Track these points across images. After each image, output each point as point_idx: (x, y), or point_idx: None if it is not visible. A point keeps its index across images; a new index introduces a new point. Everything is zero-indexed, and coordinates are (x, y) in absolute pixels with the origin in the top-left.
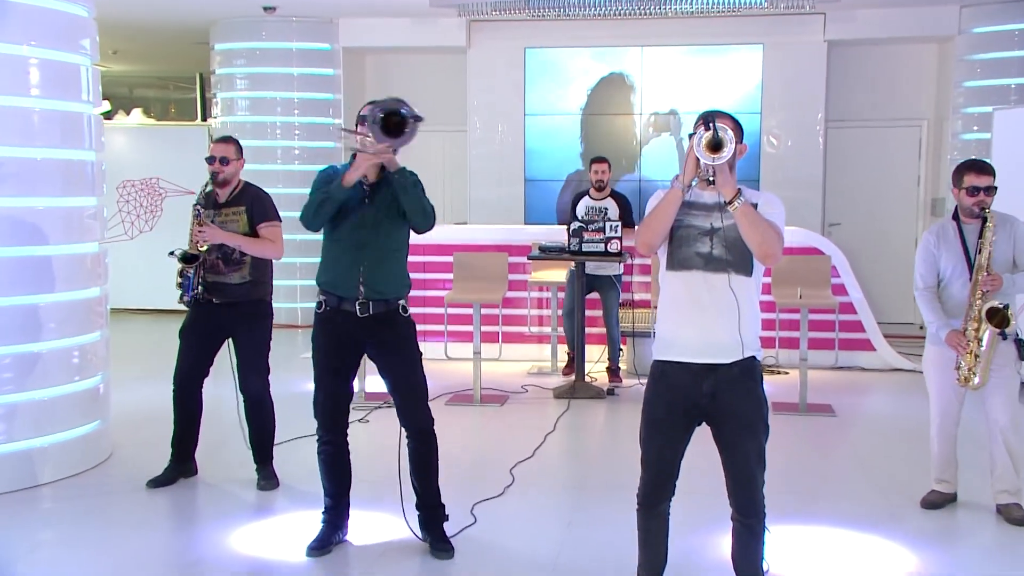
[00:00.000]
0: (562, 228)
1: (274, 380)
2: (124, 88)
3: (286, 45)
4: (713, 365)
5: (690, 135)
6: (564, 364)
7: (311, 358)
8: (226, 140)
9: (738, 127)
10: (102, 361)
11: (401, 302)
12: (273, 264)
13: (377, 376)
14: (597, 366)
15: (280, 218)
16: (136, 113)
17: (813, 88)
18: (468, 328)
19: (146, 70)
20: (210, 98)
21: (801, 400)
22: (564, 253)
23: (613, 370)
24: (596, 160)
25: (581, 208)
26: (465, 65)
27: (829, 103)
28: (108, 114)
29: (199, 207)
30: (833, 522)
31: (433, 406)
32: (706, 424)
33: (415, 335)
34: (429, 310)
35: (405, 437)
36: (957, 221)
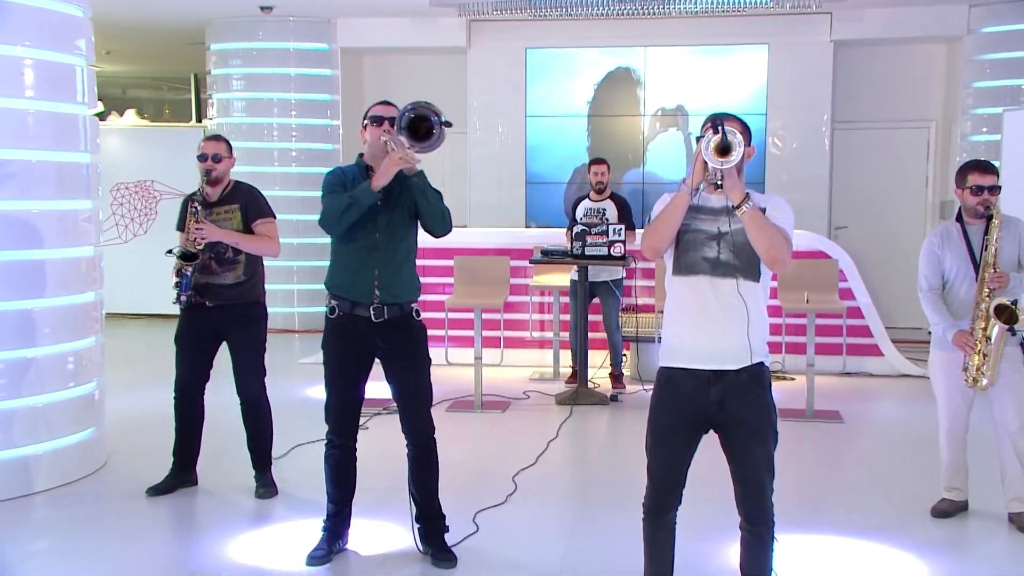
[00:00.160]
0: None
1: (272, 386)
2: (117, 89)
3: (283, 45)
4: (721, 371)
5: (698, 138)
6: (568, 375)
7: (323, 363)
8: (217, 138)
9: (746, 130)
10: (97, 367)
11: (414, 305)
12: (265, 265)
13: (378, 381)
14: (600, 372)
15: (275, 214)
16: (130, 114)
17: (819, 89)
18: (469, 333)
19: (140, 70)
20: (205, 99)
21: (808, 406)
22: (567, 257)
23: (616, 376)
24: (595, 162)
25: (580, 211)
26: (465, 66)
27: (835, 104)
28: (101, 115)
29: (197, 204)
30: (842, 531)
31: (434, 412)
32: (713, 431)
33: (426, 340)
34: (429, 315)
35: (405, 445)
36: (961, 223)
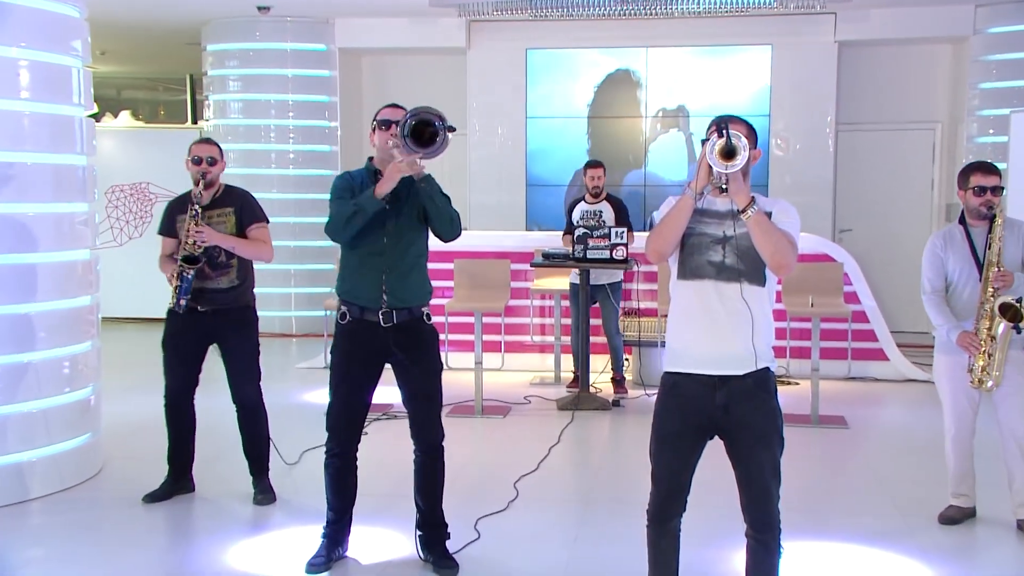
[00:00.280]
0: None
1: (269, 391)
2: (112, 90)
3: (280, 46)
4: (726, 377)
5: (703, 141)
6: (570, 381)
7: (329, 368)
8: (208, 141)
9: (752, 133)
10: (93, 372)
11: (425, 310)
12: (256, 269)
13: (380, 386)
14: (602, 377)
15: (268, 219)
16: (124, 115)
17: (823, 90)
18: (469, 337)
19: (135, 71)
20: (201, 100)
21: (813, 412)
22: (568, 260)
23: (618, 380)
24: (591, 166)
25: (577, 213)
26: (465, 66)
27: (840, 105)
28: (96, 116)
29: (197, 207)
30: (848, 538)
31: None
32: (718, 437)
33: (438, 345)
34: None
35: (413, 451)
36: (964, 225)
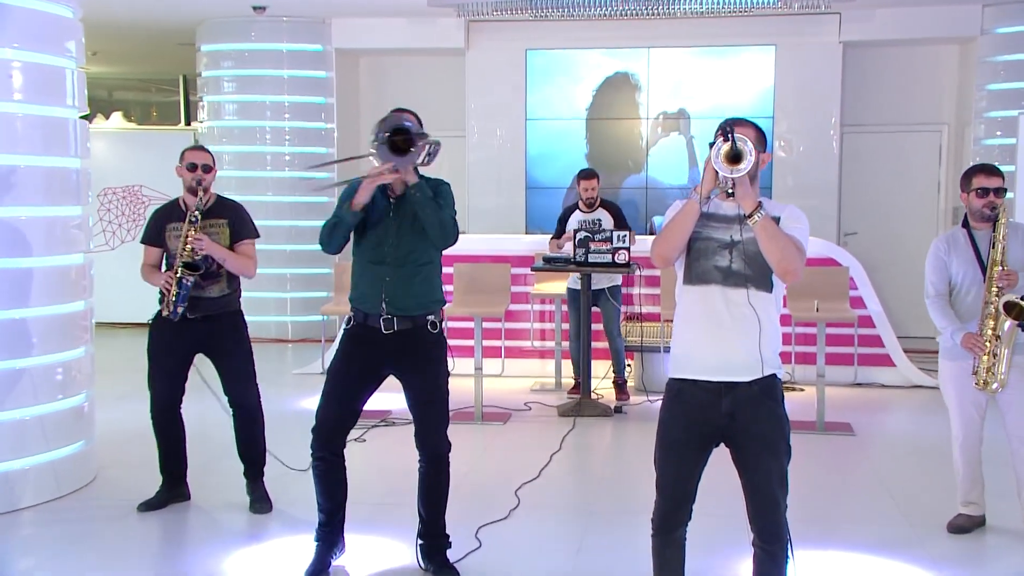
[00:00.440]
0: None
1: (264, 398)
2: (103, 91)
3: (276, 46)
4: (731, 383)
5: (710, 144)
6: (570, 387)
7: (328, 368)
8: (202, 148)
9: (761, 136)
10: (87, 378)
11: (430, 318)
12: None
13: (380, 393)
14: (603, 384)
15: (258, 234)
16: (116, 117)
17: (828, 91)
18: (469, 343)
19: (127, 72)
20: (195, 101)
21: (818, 418)
22: (570, 264)
23: (620, 384)
24: (585, 177)
25: (573, 222)
26: (464, 67)
27: (845, 107)
28: (87, 118)
29: (197, 213)
30: (855, 547)
31: None
32: (724, 445)
33: (444, 354)
34: None
35: (418, 460)
36: (967, 228)
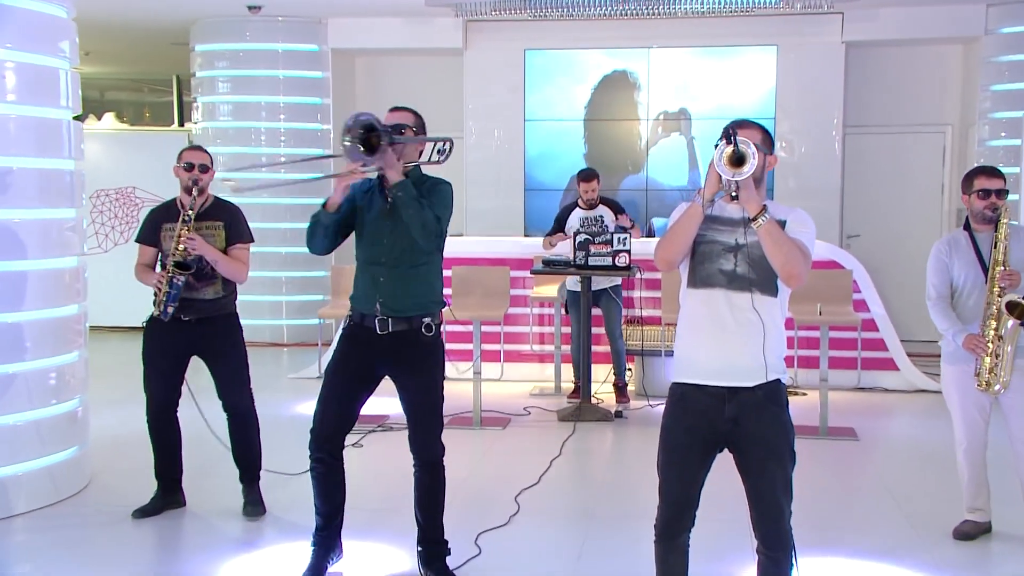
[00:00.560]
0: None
1: (259, 402)
2: (95, 91)
3: (272, 46)
4: (735, 389)
5: (716, 145)
6: (570, 391)
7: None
8: (200, 148)
9: (767, 138)
10: (80, 383)
11: (427, 320)
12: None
13: (377, 397)
14: (603, 388)
15: (253, 238)
16: (108, 117)
17: (830, 92)
18: (468, 347)
19: (119, 72)
20: (189, 102)
21: (822, 423)
22: (569, 267)
23: (620, 387)
24: (585, 179)
25: (575, 220)
26: (462, 68)
27: (847, 107)
28: (80, 118)
29: (190, 212)
30: (860, 554)
31: None
32: (728, 451)
33: (439, 358)
34: None
35: (412, 465)
36: (968, 231)
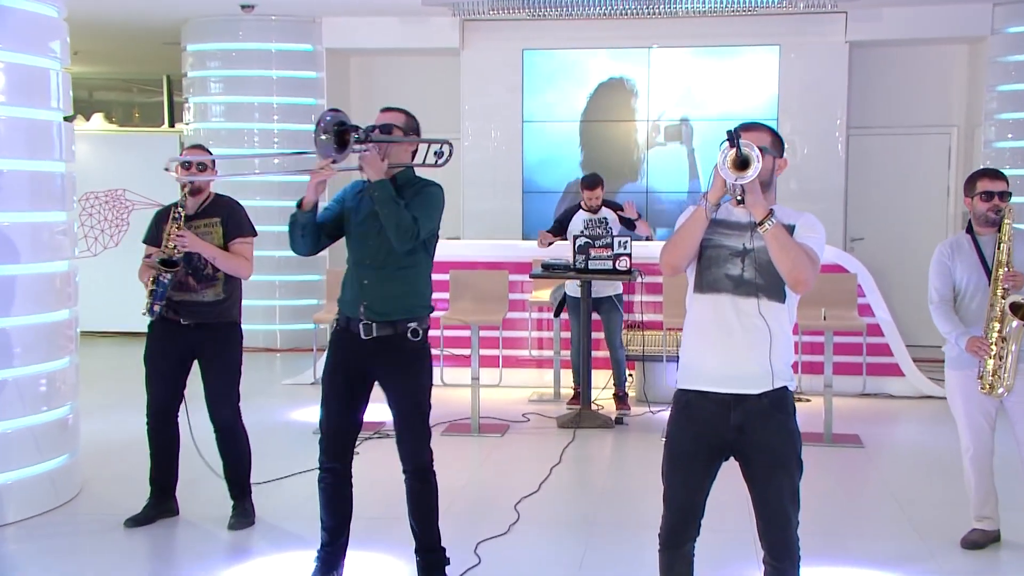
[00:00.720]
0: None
1: (254, 409)
2: (83, 91)
3: (265, 46)
4: (741, 396)
5: (720, 148)
6: (570, 397)
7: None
8: (200, 147)
9: (777, 140)
10: (71, 389)
11: (412, 325)
12: (242, 282)
13: (375, 404)
14: (603, 394)
15: (255, 232)
16: (97, 118)
17: (834, 92)
18: (465, 352)
19: (108, 72)
20: (180, 102)
21: (826, 430)
22: (569, 271)
23: (620, 396)
24: (589, 186)
25: (578, 222)
26: (458, 68)
27: (851, 108)
28: (70, 119)
29: (179, 209)
30: (866, 563)
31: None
32: (734, 459)
33: (426, 364)
34: None
35: (402, 473)
36: (971, 234)
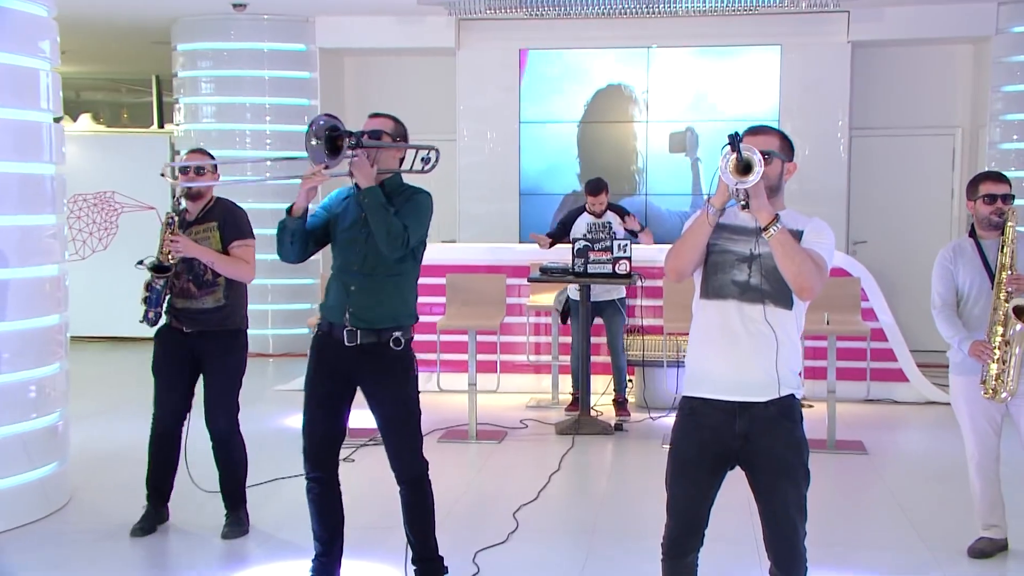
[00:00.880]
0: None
1: (246, 415)
2: (71, 91)
3: (257, 46)
4: (747, 404)
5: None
6: (568, 403)
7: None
8: (201, 151)
9: (786, 144)
10: (61, 396)
11: (396, 334)
12: (246, 288)
13: (364, 409)
14: (602, 399)
15: (254, 235)
16: (84, 119)
17: (836, 93)
18: (463, 357)
19: (96, 71)
20: (170, 103)
21: (830, 436)
22: (568, 275)
23: (620, 402)
24: (593, 192)
25: (581, 225)
26: (454, 68)
27: (853, 109)
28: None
29: (173, 215)
30: (871, 572)
31: (425, 443)
32: (739, 468)
33: (411, 373)
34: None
35: (397, 484)
36: (974, 237)
